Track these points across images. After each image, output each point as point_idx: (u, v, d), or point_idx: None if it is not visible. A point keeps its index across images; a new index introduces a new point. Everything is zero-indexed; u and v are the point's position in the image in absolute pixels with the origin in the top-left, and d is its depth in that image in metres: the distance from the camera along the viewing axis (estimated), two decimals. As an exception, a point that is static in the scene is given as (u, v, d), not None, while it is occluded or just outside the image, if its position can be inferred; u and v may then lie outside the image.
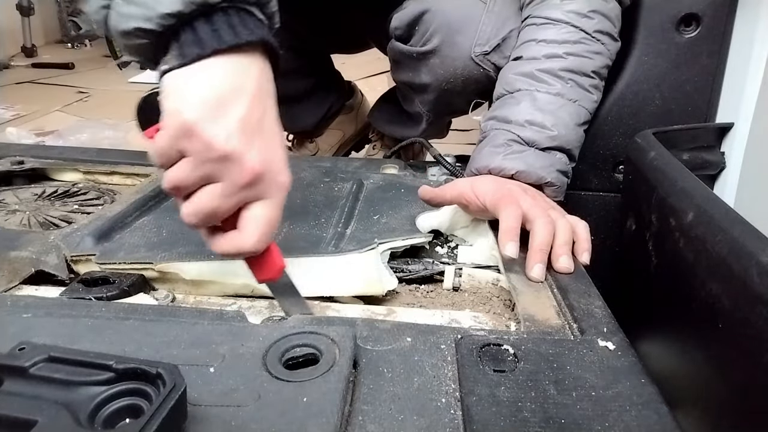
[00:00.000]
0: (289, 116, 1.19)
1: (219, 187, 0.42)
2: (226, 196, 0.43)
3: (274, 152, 0.44)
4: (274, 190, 0.44)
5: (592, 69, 0.73)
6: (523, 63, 0.74)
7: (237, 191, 0.43)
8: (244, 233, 0.44)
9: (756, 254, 0.41)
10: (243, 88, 0.43)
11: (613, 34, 0.75)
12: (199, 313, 0.46)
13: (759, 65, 0.74)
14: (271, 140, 0.44)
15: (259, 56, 0.45)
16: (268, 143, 0.44)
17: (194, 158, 0.42)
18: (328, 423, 0.32)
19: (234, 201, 0.43)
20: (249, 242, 0.44)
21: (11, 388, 0.29)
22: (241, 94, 0.43)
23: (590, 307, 0.49)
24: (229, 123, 0.42)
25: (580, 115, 0.72)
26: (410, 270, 0.60)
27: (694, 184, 0.55)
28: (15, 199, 0.77)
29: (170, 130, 0.42)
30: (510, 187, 0.64)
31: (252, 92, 0.43)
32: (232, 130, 0.41)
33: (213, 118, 0.41)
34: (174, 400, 0.28)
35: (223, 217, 0.44)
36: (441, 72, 0.84)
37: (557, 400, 0.36)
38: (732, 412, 0.44)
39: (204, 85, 0.42)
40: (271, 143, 0.44)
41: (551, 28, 0.74)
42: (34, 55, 3.24)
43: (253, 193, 0.43)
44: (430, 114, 0.95)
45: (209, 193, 0.43)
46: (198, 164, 0.42)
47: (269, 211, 0.44)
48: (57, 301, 0.49)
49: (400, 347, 0.42)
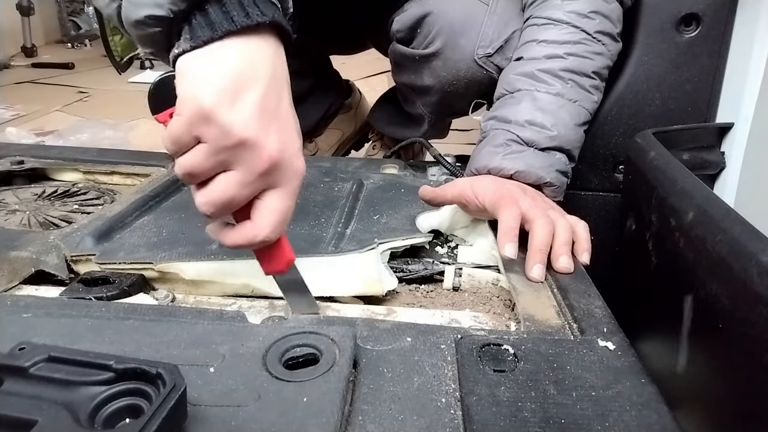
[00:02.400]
0: None
1: (235, 174, 0.41)
2: (243, 184, 0.42)
3: (290, 138, 0.44)
4: (289, 177, 0.43)
5: (593, 69, 0.73)
6: (523, 63, 0.74)
7: (254, 179, 0.42)
8: (258, 223, 0.43)
9: (756, 254, 0.41)
10: (258, 72, 0.42)
11: (614, 35, 0.75)
12: (199, 313, 0.46)
13: (759, 65, 0.74)
14: (287, 125, 0.44)
15: (273, 39, 0.44)
16: (285, 129, 0.43)
17: (210, 144, 0.41)
18: (328, 423, 0.32)
19: (251, 189, 0.42)
20: (263, 232, 0.43)
21: (11, 388, 0.29)
22: (257, 78, 0.42)
23: (590, 307, 0.49)
24: (247, 108, 0.41)
25: (580, 116, 0.72)
26: (410, 270, 0.60)
27: (694, 184, 0.55)
28: (15, 199, 0.77)
29: (186, 115, 0.41)
30: (509, 187, 0.64)
31: (268, 76, 0.42)
32: (249, 115, 0.41)
33: (230, 104, 0.40)
34: (174, 400, 0.28)
35: (239, 206, 0.43)
36: (444, 74, 0.84)
37: (557, 400, 0.36)
38: (732, 412, 0.44)
39: (219, 69, 0.41)
40: (287, 129, 0.44)
41: (552, 29, 0.74)
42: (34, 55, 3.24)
43: (269, 180, 0.43)
44: (432, 115, 0.95)
45: (225, 182, 0.42)
46: (214, 151, 0.41)
47: (284, 199, 0.43)
48: (57, 301, 0.49)
49: (400, 347, 0.42)
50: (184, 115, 0.41)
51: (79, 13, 3.69)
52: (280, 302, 0.52)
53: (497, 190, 0.63)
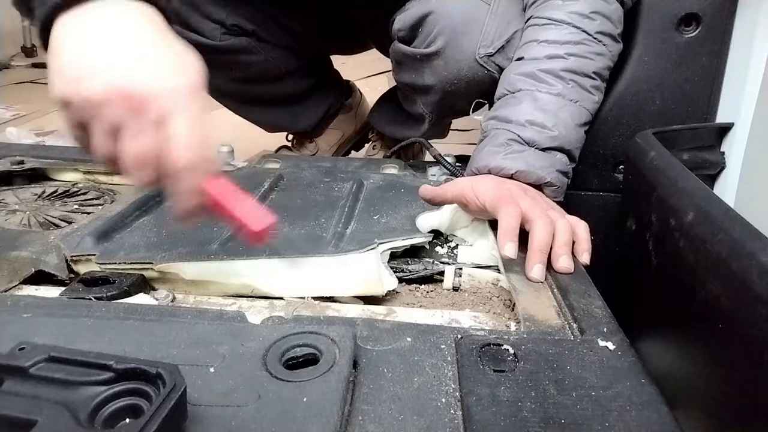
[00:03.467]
0: (289, 116, 1.19)
1: (125, 132, 0.42)
2: (134, 137, 0.42)
3: (157, 69, 0.42)
4: (177, 100, 0.42)
5: (594, 70, 0.73)
6: (524, 63, 0.74)
7: (141, 126, 0.41)
8: (176, 153, 0.42)
9: (756, 254, 0.41)
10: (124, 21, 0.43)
11: (614, 36, 0.75)
12: (199, 313, 0.46)
13: (759, 65, 0.74)
14: (146, 57, 0.43)
15: None
16: (145, 62, 0.42)
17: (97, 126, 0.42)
18: (328, 423, 0.32)
19: (147, 136, 0.42)
20: (182, 159, 0.42)
21: (11, 388, 0.29)
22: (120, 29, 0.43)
23: (590, 307, 0.49)
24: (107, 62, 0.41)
25: (581, 116, 0.72)
26: (410, 270, 0.60)
27: (694, 184, 0.55)
28: (15, 199, 0.77)
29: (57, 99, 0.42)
30: (509, 187, 0.64)
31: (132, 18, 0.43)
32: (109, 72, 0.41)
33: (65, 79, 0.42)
34: (174, 400, 0.28)
35: (156, 156, 0.42)
36: (445, 74, 0.84)
37: (557, 400, 0.36)
38: (732, 412, 0.44)
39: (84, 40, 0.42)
40: (148, 61, 0.42)
41: (553, 29, 0.74)
42: (34, 55, 3.24)
43: (158, 117, 0.41)
44: (433, 114, 0.95)
45: (127, 145, 0.42)
46: (99, 127, 0.42)
47: (185, 120, 0.42)
48: (57, 301, 0.49)
49: (400, 347, 0.42)
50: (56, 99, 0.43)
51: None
52: (280, 302, 0.52)
53: (498, 190, 0.63)
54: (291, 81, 1.13)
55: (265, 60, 1.05)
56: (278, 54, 1.07)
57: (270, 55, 1.06)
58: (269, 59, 1.06)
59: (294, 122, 1.21)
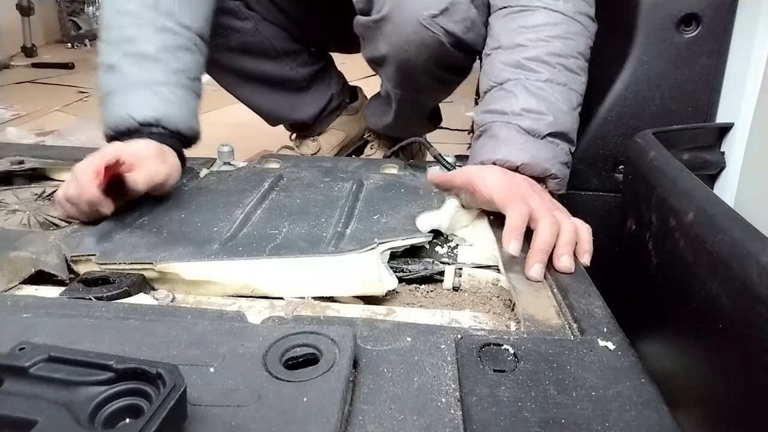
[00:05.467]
0: (288, 104, 1.19)
1: None
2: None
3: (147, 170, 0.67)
4: None
5: (577, 50, 0.73)
6: (506, 52, 0.74)
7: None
8: None
9: (756, 254, 0.41)
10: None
11: (590, 15, 0.76)
12: (199, 313, 0.46)
13: (759, 65, 0.74)
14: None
15: None
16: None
17: None
18: (328, 423, 0.32)
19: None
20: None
21: (11, 388, 0.29)
22: None
23: (590, 307, 0.49)
24: None
25: (572, 99, 0.72)
26: (410, 270, 0.60)
27: (694, 184, 0.55)
28: (15, 199, 0.77)
29: None
30: (518, 182, 0.64)
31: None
32: None
33: None
34: (174, 400, 0.28)
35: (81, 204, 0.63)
36: (395, 39, 0.84)
37: (557, 400, 0.36)
38: (732, 412, 0.44)
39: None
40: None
41: (529, 15, 0.74)
42: (34, 55, 3.24)
43: None
44: (397, 91, 0.95)
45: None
46: None
47: None
48: (57, 301, 0.49)
49: (400, 347, 0.42)
50: None
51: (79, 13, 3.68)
52: (280, 302, 0.52)
53: (506, 184, 0.63)
54: (288, 64, 1.14)
55: (255, 30, 1.07)
56: (270, 29, 1.08)
57: (260, 26, 1.07)
58: (259, 30, 1.07)
59: (292, 110, 1.21)
